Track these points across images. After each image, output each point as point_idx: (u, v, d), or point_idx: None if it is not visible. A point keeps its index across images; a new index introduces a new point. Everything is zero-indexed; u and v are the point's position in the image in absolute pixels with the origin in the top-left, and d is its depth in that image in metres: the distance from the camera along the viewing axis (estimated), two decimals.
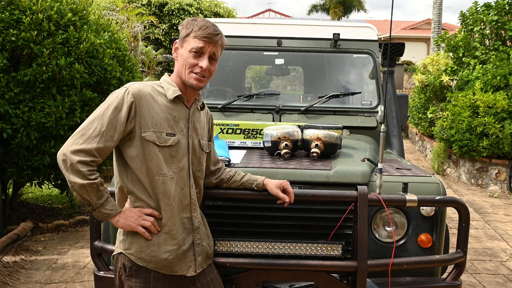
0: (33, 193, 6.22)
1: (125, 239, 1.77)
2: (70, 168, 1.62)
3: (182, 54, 1.79)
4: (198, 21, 1.81)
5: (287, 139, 2.51)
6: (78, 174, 1.62)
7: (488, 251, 4.66)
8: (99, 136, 1.65)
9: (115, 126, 1.67)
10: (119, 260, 1.79)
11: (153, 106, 1.74)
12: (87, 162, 1.63)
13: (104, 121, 1.66)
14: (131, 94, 1.70)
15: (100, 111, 1.69)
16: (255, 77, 5.32)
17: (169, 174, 1.75)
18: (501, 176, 7.53)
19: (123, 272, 1.77)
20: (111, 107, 1.68)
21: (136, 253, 1.75)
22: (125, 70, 4.97)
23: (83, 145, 1.63)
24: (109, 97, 1.73)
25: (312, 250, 2.15)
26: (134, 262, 1.75)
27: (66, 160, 1.62)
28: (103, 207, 1.68)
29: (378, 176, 2.12)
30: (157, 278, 1.76)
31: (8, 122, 4.02)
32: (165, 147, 1.74)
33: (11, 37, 3.97)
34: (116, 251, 1.82)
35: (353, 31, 3.58)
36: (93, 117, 1.69)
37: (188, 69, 1.77)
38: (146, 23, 10.65)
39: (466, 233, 2.20)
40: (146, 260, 1.75)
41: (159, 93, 1.79)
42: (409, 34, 26.98)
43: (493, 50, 8.32)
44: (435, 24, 15.21)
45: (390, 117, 3.75)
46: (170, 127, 1.76)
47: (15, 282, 3.63)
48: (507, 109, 7.18)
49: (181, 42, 1.81)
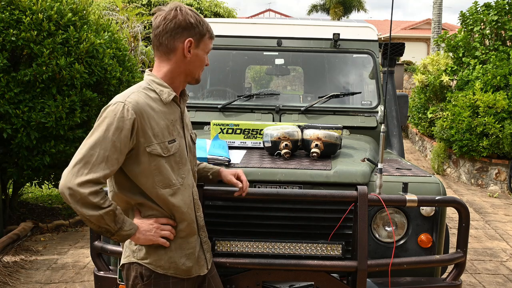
0: (33, 193, 6.22)
1: (140, 249, 1.71)
2: (81, 202, 1.50)
3: (200, 56, 1.71)
4: (202, 17, 1.72)
5: (287, 139, 2.51)
6: (92, 207, 1.50)
7: (488, 251, 4.66)
8: (104, 162, 1.52)
9: (120, 149, 1.55)
10: (132, 269, 1.72)
11: (152, 117, 1.62)
12: (97, 191, 1.51)
13: (107, 144, 1.53)
14: (132, 110, 1.56)
15: (100, 134, 1.54)
16: (255, 77, 5.32)
17: (178, 181, 1.69)
18: (501, 176, 7.53)
19: (140, 281, 1.71)
20: (112, 128, 1.53)
21: (155, 262, 1.69)
22: (125, 70, 4.97)
23: (89, 176, 1.50)
24: (105, 115, 1.57)
25: (312, 250, 2.15)
26: (153, 271, 1.70)
27: (75, 195, 1.49)
28: (122, 230, 1.58)
29: (378, 176, 2.12)
30: (175, 283, 1.73)
31: (8, 122, 4.02)
32: (170, 156, 1.66)
33: (11, 37, 3.97)
34: (127, 260, 1.74)
35: (353, 31, 3.58)
36: (93, 142, 1.53)
37: (201, 69, 1.74)
38: (146, 23, 10.65)
39: (466, 233, 2.20)
40: (165, 268, 1.70)
41: (153, 99, 1.65)
42: (409, 34, 26.98)
43: (493, 50, 8.32)
44: (435, 24, 15.21)
45: (390, 117, 3.75)
46: (170, 134, 1.67)
47: (15, 282, 3.63)
48: (507, 109, 7.18)
49: (198, 42, 1.69)
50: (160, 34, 1.66)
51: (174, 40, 1.66)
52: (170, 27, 1.65)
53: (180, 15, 1.65)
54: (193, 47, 1.68)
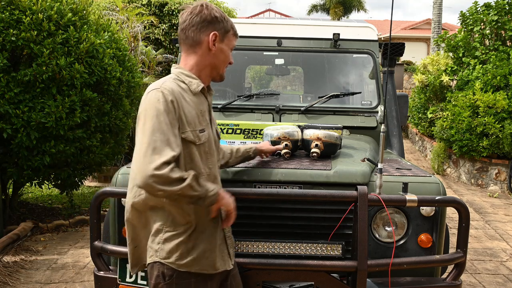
0: (33, 193, 6.22)
1: (162, 248, 1.71)
2: (167, 182, 1.54)
3: (224, 51, 1.78)
4: (225, 14, 1.81)
5: (287, 139, 2.51)
6: (178, 182, 1.55)
7: (488, 251, 4.66)
8: (167, 144, 1.57)
9: (173, 130, 1.60)
10: (155, 268, 1.73)
11: (185, 105, 1.68)
12: (173, 168, 1.55)
13: (163, 128, 1.58)
14: (169, 94, 1.63)
15: (154, 121, 1.59)
16: (255, 77, 5.31)
17: (206, 171, 1.73)
18: (501, 176, 7.53)
19: (161, 280, 1.71)
20: (160, 112, 1.59)
21: (177, 260, 1.70)
22: (125, 70, 4.97)
23: (162, 158, 1.54)
24: (148, 104, 1.62)
25: (312, 250, 2.15)
26: (175, 270, 1.70)
27: (159, 179, 1.53)
28: (208, 191, 1.63)
29: (378, 176, 2.12)
30: (198, 282, 1.72)
31: (8, 122, 4.02)
32: (200, 145, 1.71)
33: (11, 37, 3.97)
34: (151, 259, 1.73)
35: (353, 31, 3.58)
36: (150, 129, 1.58)
37: (225, 65, 1.81)
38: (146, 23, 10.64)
39: (466, 233, 2.20)
40: (188, 265, 1.70)
41: (183, 89, 1.72)
42: (409, 34, 26.98)
43: (493, 50, 8.32)
44: (435, 24, 15.21)
45: (390, 117, 3.75)
46: (200, 123, 1.72)
47: (15, 282, 3.63)
48: (507, 109, 7.18)
49: (222, 36, 1.76)
50: (187, 28, 1.75)
51: (200, 33, 1.74)
52: (196, 21, 1.74)
53: (205, 10, 1.75)
54: (217, 41, 1.76)
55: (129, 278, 2.21)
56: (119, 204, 2.36)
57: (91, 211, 2.24)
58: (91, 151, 4.60)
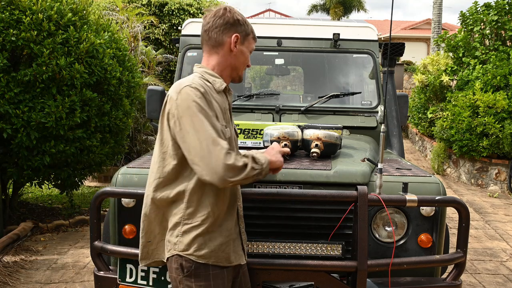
0: (33, 193, 6.22)
1: (181, 241, 1.74)
2: (236, 172, 1.63)
3: (244, 53, 1.87)
4: (246, 18, 1.89)
5: (287, 139, 2.51)
6: (243, 168, 1.65)
7: (488, 251, 4.66)
8: (220, 134, 1.66)
9: (215, 117, 1.70)
10: (173, 261, 1.76)
11: (212, 101, 1.75)
12: (235, 156, 1.65)
13: (210, 120, 1.66)
14: (200, 91, 1.69)
15: (199, 117, 1.64)
16: (255, 77, 5.31)
17: None
18: (501, 176, 7.53)
19: (181, 273, 1.74)
20: (203, 106, 1.66)
21: (196, 252, 1.73)
22: (125, 70, 4.97)
23: (223, 149, 1.62)
24: (186, 102, 1.66)
25: (312, 250, 2.15)
26: (194, 261, 1.73)
27: (229, 173, 1.61)
28: (263, 165, 1.73)
29: (378, 176, 2.12)
30: (216, 275, 1.76)
31: (8, 122, 4.02)
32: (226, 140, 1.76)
33: (11, 37, 3.97)
34: (169, 253, 1.77)
35: (353, 31, 3.58)
36: (200, 124, 1.64)
37: (244, 67, 1.90)
38: (146, 23, 10.64)
39: (466, 233, 2.20)
40: (206, 257, 1.74)
41: (209, 87, 1.78)
42: (409, 34, 26.97)
43: (493, 50, 8.32)
44: (435, 24, 15.21)
45: (390, 117, 3.75)
46: (224, 119, 1.79)
47: (15, 282, 3.63)
48: (507, 109, 7.18)
49: (243, 39, 1.85)
50: (210, 29, 1.83)
51: (223, 35, 1.83)
52: (219, 23, 1.82)
53: (228, 13, 1.84)
54: (239, 42, 1.84)
55: (129, 278, 2.21)
56: (119, 204, 2.36)
57: (91, 211, 2.24)
58: (91, 151, 4.60)
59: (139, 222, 1.85)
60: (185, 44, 3.56)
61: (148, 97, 3.44)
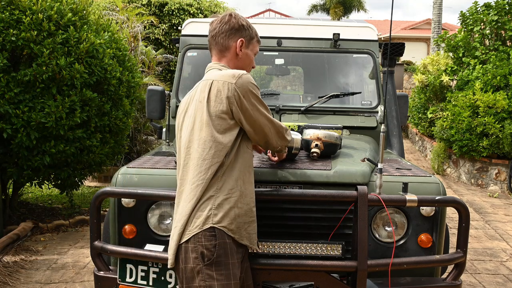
0: (33, 193, 6.22)
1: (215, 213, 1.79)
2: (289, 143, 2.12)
3: (249, 56, 2.04)
4: (250, 22, 2.04)
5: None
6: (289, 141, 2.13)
7: (488, 251, 4.66)
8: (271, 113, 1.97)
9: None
10: (190, 250, 1.78)
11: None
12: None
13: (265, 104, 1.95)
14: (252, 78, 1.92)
15: (262, 101, 1.93)
16: (255, 77, 5.31)
17: (250, 148, 1.98)
18: (501, 176, 7.53)
19: (200, 261, 1.76)
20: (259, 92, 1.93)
21: (229, 225, 1.80)
22: (125, 70, 4.97)
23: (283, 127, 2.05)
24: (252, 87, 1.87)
25: (312, 250, 2.15)
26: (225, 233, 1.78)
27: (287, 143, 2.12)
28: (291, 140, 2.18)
29: (378, 176, 2.12)
30: (234, 264, 1.81)
31: (8, 122, 4.02)
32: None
33: (11, 37, 3.97)
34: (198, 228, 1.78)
35: (353, 31, 3.58)
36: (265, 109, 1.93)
37: (249, 69, 2.06)
38: (146, 23, 10.64)
39: (466, 233, 2.20)
40: (234, 231, 1.82)
41: None
42: (409, 34, 26.97)
43: (493, 50, 8.32)
44: (435, 24, 15.21)
45: (390, 117, 3.75)
46: None
47: (15, 282, 3.63)
48: (507, 109, 7.18)
49: (247, 43, 2.01)
50: (217, 34, 1.98)
51: (229, 40, 1.98)
52: (226, 29, 1.97)
53: (234, 19, 1.98)
54: (244, 46, 2.00)
55: (129, 278, 2.21)
56: (119, 204, 2.36)
57: (91, 211, 2.24)
58: (91, 151, 4.60)
59: (139, 222, 1.86)
60: (185, 44, 3.56)
61: (148, 97, 3.44)
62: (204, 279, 1.74)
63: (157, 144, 7.30)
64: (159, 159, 2.72)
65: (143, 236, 2.36)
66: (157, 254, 2.13)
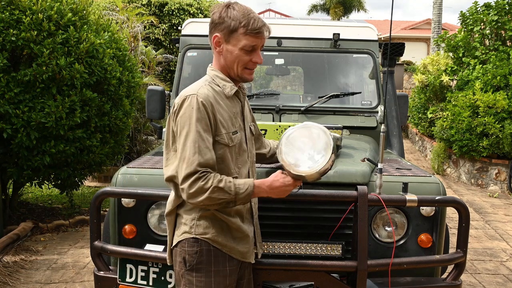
0: (33, 193, 6.22)
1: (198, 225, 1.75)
2: (188, 196, 1.65)
3: (232, 52, 1.73)
4: (238, 10, 1.72)
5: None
6: (197, 195, 1.64)
7: (488, 251, 4.66)
8: (197, 153, 1.64)
9: (205, 137, 1.67)
10: (177, 254, 1.79)
11: (219, 109, 1.73)
12: (194, 180, 1.63)
13: (194, 136, 1.65)
14: (204, 101, 1.67)
15: (187, 129, 1.66)
16: (255, 77, 5.31)
17: (235, 171, 1.78)
18: (501, 176, 7.53)
19: (183, 266, 1.76)
20: (196, 119, 1.65)
21: (213, 237, 1.75)
22: (125, 70, 4.97)
23: (187, 170, 1.64)
24: (183, 111, 1.68)
25: (312, 250, 2.15)
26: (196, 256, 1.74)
27: (184, 192, 1.66)
28: (239, 194, 1.67)
29: (378, 176, 2.12)
30: (217, 272, 1.77)
31: (8, 122, 4.02)
32: (232, 146, 1.77)
33: (11, 37, 3.97)
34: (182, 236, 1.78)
35: (353, 31, 3.58)
36: (184, 138, 1.66)
37: (241, 66, 1.76)
38: (146, 23, 10.64)
39: (466, 233, 2.20)
40: (221, 243, 1.77)
41: (217, 92, 1.76)
42: (409, 34, 26.97)
43: (493, 50, 8.32)
44: (435, 24, 15.20)
45: (390, 117, 3.75)
46: (233, 125, 1.78)
47: (15, 282, 3.63)
48: (507, 109, 7.18)
49: (227, 37, 1.73)
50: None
51: (211, 36, 1.79)
52: (209, 24, 1.80)
53: (212, 14, 1.77)
54: (223, 42, 1.75)
55: (129, 278, 2.21)
56: (119, 204, 2.36)
57: (91, 211, 2.24)
58: (91, 151, 4.60)
59: (139, 222, 1.86)
60: (185, 44, 3.56)
61: (148, 97, 3.44)
62: (185, 284, 1.77)
63: (157, 144, 7.30)
64: (159, 159, 2.72)
65: (143, 236, 2.36)
66: (157, 254, 2.13)
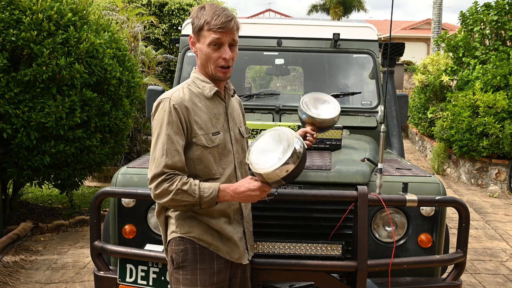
0: (33, 193, 6.22)
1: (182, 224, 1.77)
2: (154, 196, 1.70)
3: (202, 49, 1.76)
4: (207, 9, 1.75)
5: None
6: (162, 196, 1.68)
7: (488, 251, 4.66)
8: (164, 154, 1.68)
9: (176, 140, 1.70)
10: (168, 253, 1.83)
11: (195, 111, 1.75)
12: (160, 182, 1.67)
13: (164, 139, 1.69)
14: (177, 105, 1.71)
15: (158, 131, 1.72)
16: (255, 77, 5.31)
17: (219, 171, 1.79)
18: (501, 176, 7.53)
19: (171, 265, 1.80)
20: (166, 122, 1.70)
21: (199, 236, 1.77)
22: (125, 70, 4.97)
23: (154, 171, 1.68)
24: (157, 114, 1.73)
25: (312, 250, 2.15)
26: (182, 255, 1.76)
27: (151, 192, 1.71)
28: (204, 198, 1.67)
29: (378, 176, 2.12)
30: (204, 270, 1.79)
31: (8, 122, 4.02)
32: (213, 147, 1.77)
33: (11, 37, 3.97)
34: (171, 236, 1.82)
35: (353, 31, 3.58)
36: (155, 140, 1.72)
37: (213, 63, 1.76)
38: (146, 23, 10.63)
39: (466, 233, 2.20)
40: (208, 242, 1.78)
41: (196, 94, 1.79)
42: (409, 34, 26.97)
43: (493, 50, 8.32)
44: (435, 24, 15.20)
45: (390, 117, 3.75)
46: (214, 126, 1.78)
47: (15, 282, 3.63)
48: (507, 109, 7.17)
49: (197, 36, 1.77)
50: None
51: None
52: None
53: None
54: (196, 42, 1.79)
55: (129, 278, 2.21)
56: (119, 204, 2.36)
57: (91, 211, 2.24)
58: (91, 151, 4.60)
59: (139, 222, 1.86)
60: (185, 44, 3.57)
61: (148, 97, 3.44)
62: (173, 282, 1.81)
63: None
64: None
65: (143, 236, 2.37)
66: (157, 254, 2.13)
